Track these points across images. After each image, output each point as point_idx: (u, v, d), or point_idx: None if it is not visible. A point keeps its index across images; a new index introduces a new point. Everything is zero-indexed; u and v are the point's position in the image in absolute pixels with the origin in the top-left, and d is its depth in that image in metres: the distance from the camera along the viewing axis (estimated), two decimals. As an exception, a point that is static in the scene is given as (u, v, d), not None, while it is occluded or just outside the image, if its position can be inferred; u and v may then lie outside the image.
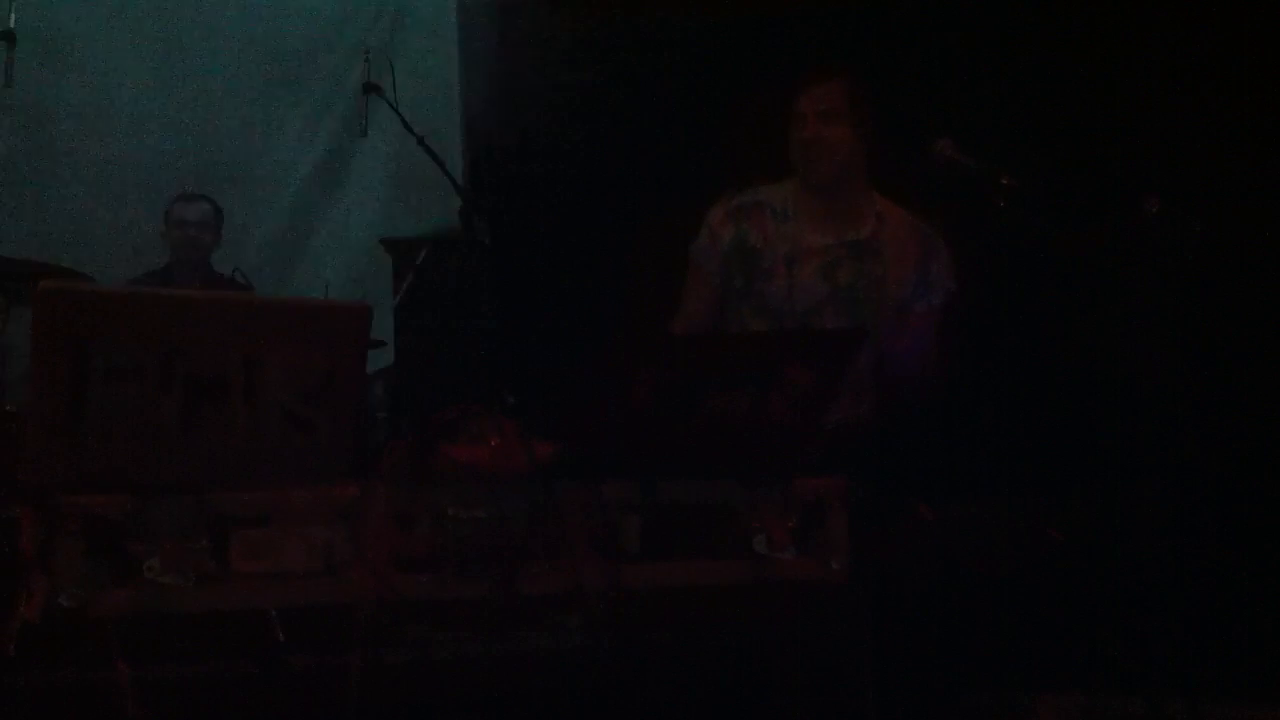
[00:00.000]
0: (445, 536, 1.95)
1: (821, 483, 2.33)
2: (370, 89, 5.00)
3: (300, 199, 5.89)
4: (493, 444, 2.11)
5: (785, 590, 2.66)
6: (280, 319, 1.85)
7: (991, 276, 3.91)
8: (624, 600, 2.12)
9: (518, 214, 5.13)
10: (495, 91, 5.51)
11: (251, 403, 1.81)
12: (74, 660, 1.75)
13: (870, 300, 3.49)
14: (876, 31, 4.73)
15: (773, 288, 3.51)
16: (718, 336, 3.38)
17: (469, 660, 2.06)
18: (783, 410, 2.33)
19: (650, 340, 3.08)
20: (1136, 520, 3.50)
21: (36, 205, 5.30)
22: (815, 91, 3.50)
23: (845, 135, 3.48)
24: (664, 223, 3.84)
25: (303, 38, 5.74)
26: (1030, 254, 3.57)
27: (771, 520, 2.25)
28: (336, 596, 1.89)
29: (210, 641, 1.82)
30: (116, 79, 5.47)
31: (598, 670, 2.16)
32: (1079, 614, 3.61)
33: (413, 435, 2.04)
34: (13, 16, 4.42)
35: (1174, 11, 4.26)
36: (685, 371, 2.27)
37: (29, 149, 5.36)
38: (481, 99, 5.61)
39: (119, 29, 5.49)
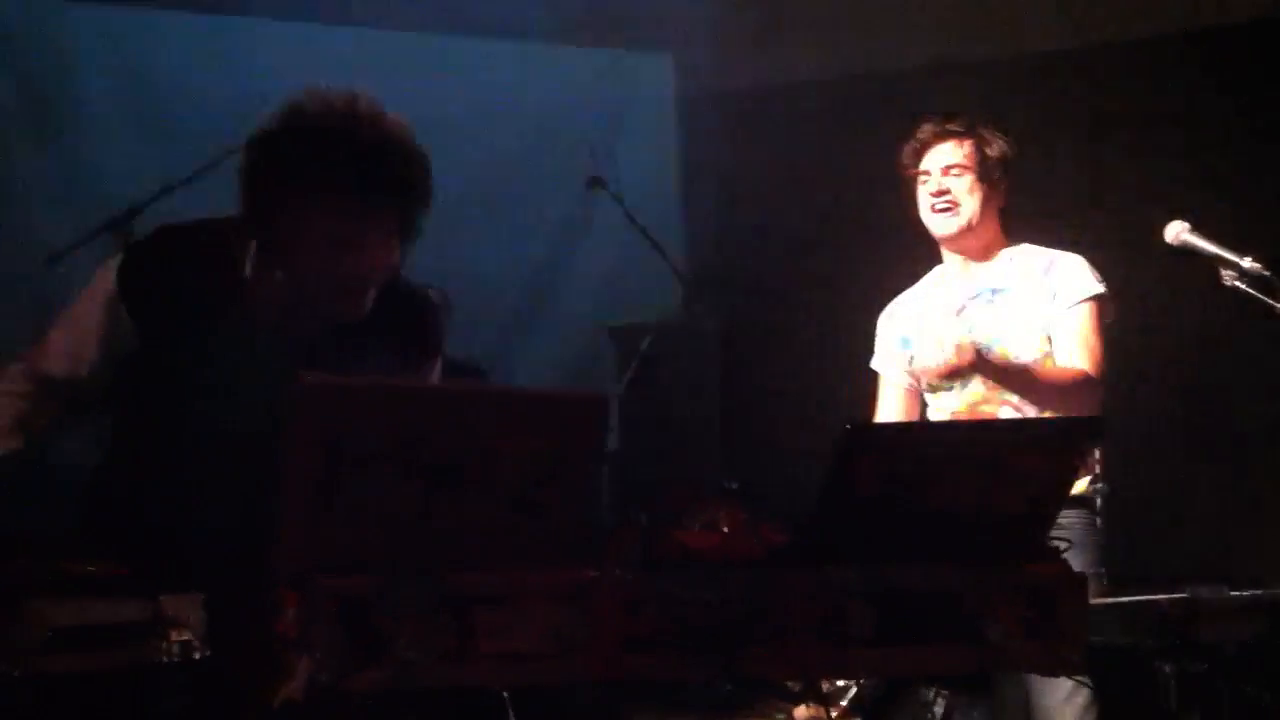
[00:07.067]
0: (672, 619, 1.98)
1: (1055, 569, 2.29)
2: (594, 183, 5.14)
3: (524, 289, 6.06)
4: (722, 531, 2.14)
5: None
6: (517, 408, 1.93)
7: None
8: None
9: (741, 303, 5.19)
10: (718, 183, 5.60)
11: (486, 488, 1.88)
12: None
13: (1011, 335, 3.56)
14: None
15: (927, 360, 3.61)
16: (943, 424, 3.41)
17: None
18: (1012, 499, 2.30)
19: (875, 428, 3.09)
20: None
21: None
22: (940, 149, 3.62)
23: (972, 188, 3.57)
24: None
25: (526, 134, 5.93)
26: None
27: (1004, 608, 2.21)
28: (569, 676, 1.94)
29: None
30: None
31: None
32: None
33: (642, 521, 2.08)
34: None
35: None
36: (911, 460, 2.26)
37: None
38: (703, 191, 5.71)
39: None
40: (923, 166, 3.64)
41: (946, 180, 3.59)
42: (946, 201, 3.58)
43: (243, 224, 2.51)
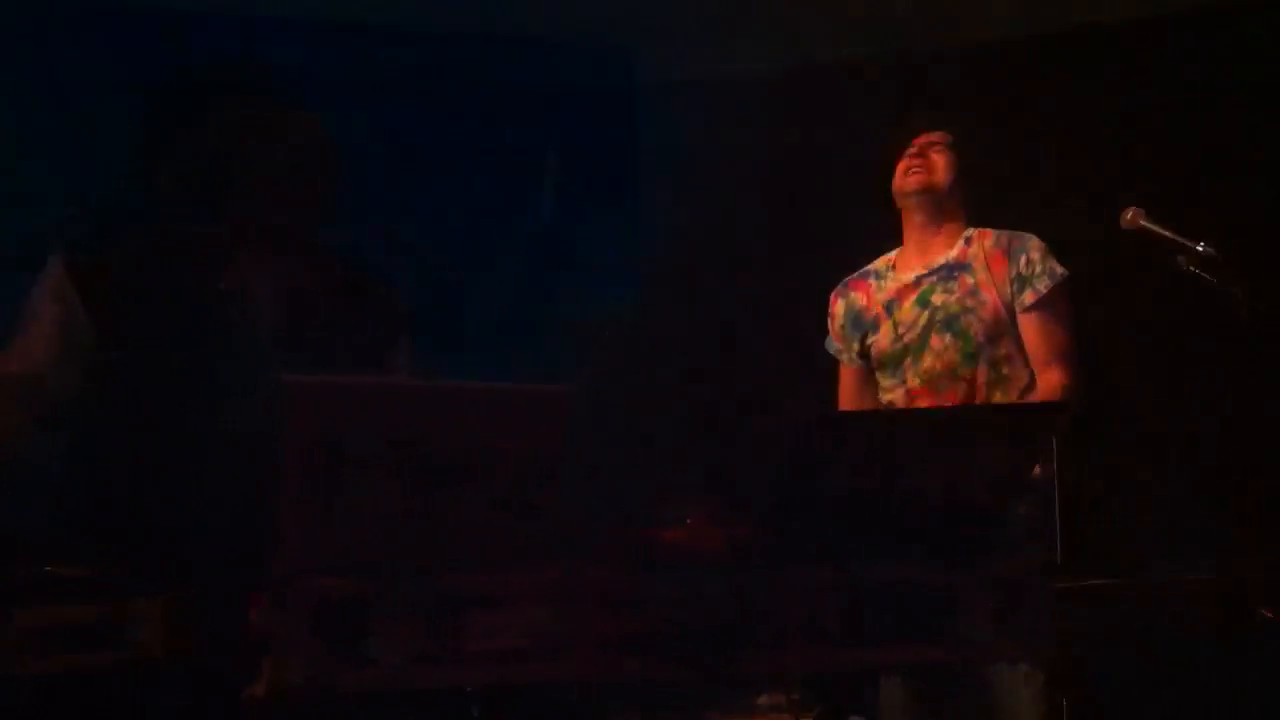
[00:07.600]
0: (662, 620, 2.00)
1: (1023, 560, 2.33)
2: (551, 174, 5.14)
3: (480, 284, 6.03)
4: (693, 526, 2.16)
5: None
6: (501, 405, 1.94)
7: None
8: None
9: (702, 296, 5.20)
10: (677, 175, 5.60)
11: (479, 486, 1.89)
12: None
13: (968, 310, 3.67)
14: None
15: (881, 336, 3.74)
16: (908, 413, 3.45)
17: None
18: (976, 486, 2.33)
19: (838, 419, 3.12)
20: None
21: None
22: (925, 136, 3.82)
23: (943, 159, 3.77)
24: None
25: (483, 125, 5.90)
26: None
27: (974, 602, 2.25)
28: (555, 676, 1.95)
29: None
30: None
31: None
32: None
33: (619, 518, 2.10)
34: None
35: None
36: (878, 451, 2.29)
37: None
38: (663, 183, 5.71)
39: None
40: (909, 145, 3.76)
41: (926, 151, 3.77)
42: (920, 164, 3.76)
43: (186, 222, 2.55)
